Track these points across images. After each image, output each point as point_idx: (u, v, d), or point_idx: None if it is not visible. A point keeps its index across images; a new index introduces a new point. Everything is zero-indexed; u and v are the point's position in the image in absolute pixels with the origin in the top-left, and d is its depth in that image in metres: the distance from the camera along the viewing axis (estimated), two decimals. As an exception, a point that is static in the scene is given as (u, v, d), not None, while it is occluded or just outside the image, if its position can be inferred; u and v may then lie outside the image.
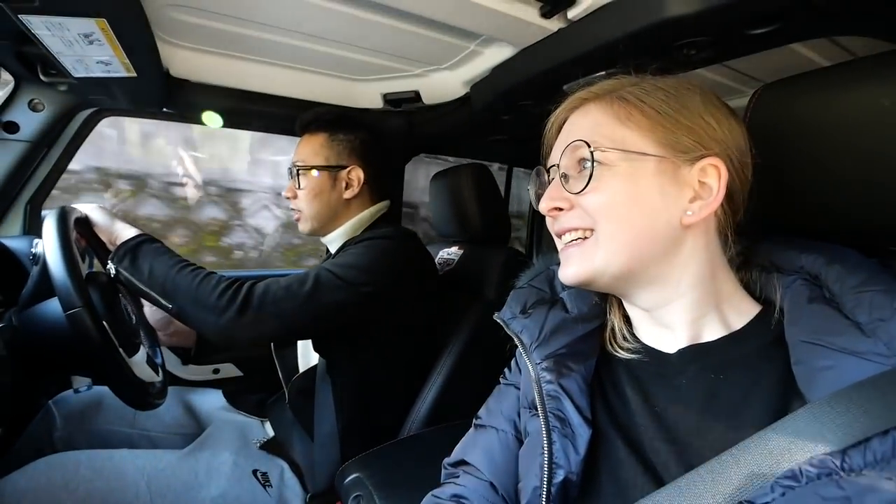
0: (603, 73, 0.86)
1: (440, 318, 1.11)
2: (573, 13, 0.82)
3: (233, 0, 0.88)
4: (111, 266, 0.85)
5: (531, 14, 0.84)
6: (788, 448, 0.37)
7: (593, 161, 0.47)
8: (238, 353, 1.39)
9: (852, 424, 0.35)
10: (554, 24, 0.86)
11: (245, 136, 3.29)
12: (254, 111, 1.27)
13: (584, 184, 0.48)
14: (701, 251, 0.48)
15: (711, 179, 0.47)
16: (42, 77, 0.96)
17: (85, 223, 0.88)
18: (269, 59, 1.14)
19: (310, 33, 1.01)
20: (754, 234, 0.54)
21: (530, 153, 1.84)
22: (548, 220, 0.55)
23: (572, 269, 0.50)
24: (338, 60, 1.15)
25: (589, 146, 0.48)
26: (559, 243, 0.54)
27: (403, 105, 1.32)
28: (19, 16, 0.69)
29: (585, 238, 0.50)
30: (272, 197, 3.40)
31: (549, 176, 0.55)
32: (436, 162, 2.58)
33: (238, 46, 1.08)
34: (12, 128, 1.06)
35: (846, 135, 0.50)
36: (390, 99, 1.31)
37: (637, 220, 0.47)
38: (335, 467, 0.91)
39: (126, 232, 0.89)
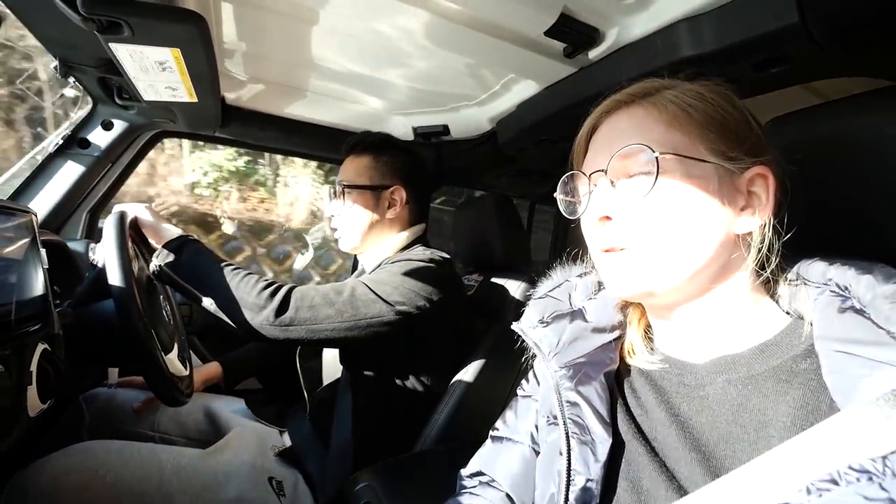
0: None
1: (460, 341, 1.13)
2: (593, 54, 0.89)
3: (285, 37, 0.99)
4: (155, 263, 0.91)
5: (555, 54, 0.92)
6: (824, 454, 0.36)
7: (658, 167, 0.45)
8: (262, 368, 1.44)
9: (890, 431, 0.35)
10: (576, 64, 0.93)
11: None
12: (296, 138, 1.39)
13: (647, 189, 0.45)
14: (742, 262, 0.48)
15: (759, 189, 0.47)
16: (117, 100, 1.08)
17: (133, 224, 0.95)
18: (312, 90, 1.25)
19: (350, 70, 1.12)
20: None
21: (552, 188, 1.89)
22: (591, 231, 0.51)
23: (622, 282, 0.48)
24: (374, 95, 1.26)
25: (653, 151, 0.45)
26: (600, 254, 0.50)
27: (432, 138, 1.41)
28: (110, 44, 0.80)
29: (626, 248, 0.47)
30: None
31: (590, 183, 0.51)
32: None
33: (286, 78, 1.19)
34: (85, 144, 1.19)
35: (858, 163, 0.52)
36: (421, 132, 1.40)
37: (697, 230, 0.45)
38: (347, 478, 0.92)
39: (171, 232, 0.94)
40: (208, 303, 0.88)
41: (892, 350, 0.38)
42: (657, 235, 0.46)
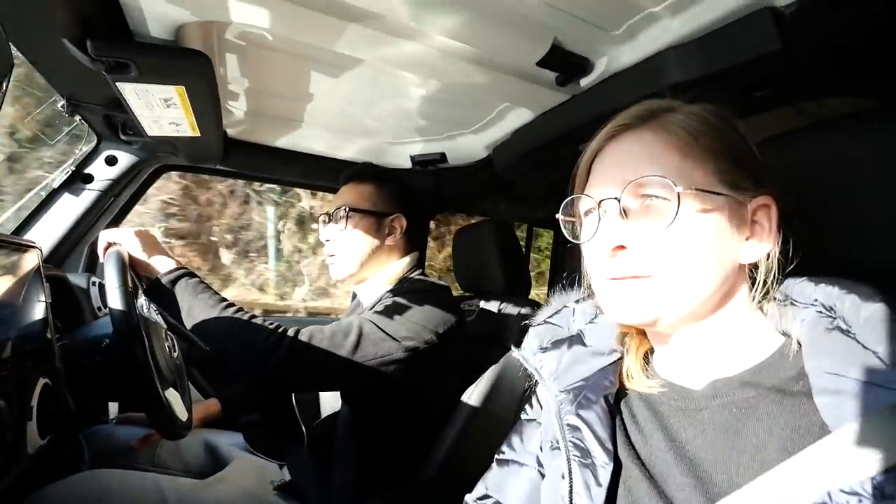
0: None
1: (462, 369, 1.12)
2: (585, 82, 0.93)
3: (285, 73, 1.03)
4: (144, 304, 0.86)
5: (548, 83, 0.95)
6: (816, 477, 0.37)
7: (679, 202, 0.45)
8: (261, 402, 1.42)
9: (879, 452, 0.35)
10: (568, 92, 0.97)
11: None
12: (296, 169, 1.41)
13: (668, 221, 0.45)
14: (743, 289, 0.49)
15: (763, 218, 0.48)
16: (121, 136, 1.11)
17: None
18: (312, 122, 1.28)
19: (349, 101, 1.15)
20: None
21: (549, 213, 1.92)
22: (598, 259, 0.50)
23: (632, 309, 0.48)
24: (372, 125, 1.29)
25: (675, 185, 0.45)
26: (606, 281, 0.50)
27: (430, 166, 1.43)
28: (117, 83, 0.83)
29: (648, 277, 0.47)
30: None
31: (599, 209, 0.50)
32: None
33: (286, 111, 1.23)
34: (88, 179, 1.21)
35: (837, 183, 0.53)
36: (419, 160, 1.43)
37: (707, 262, 0.46)
38: (352, 511, 0.90)
39: (162, 265, 0.87)
40: (209, 349, 0.84)
41: (880, 371, 0.39)
42: (676, 264, 0.46)
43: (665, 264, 0.46)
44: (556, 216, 0.56)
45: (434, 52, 0.85)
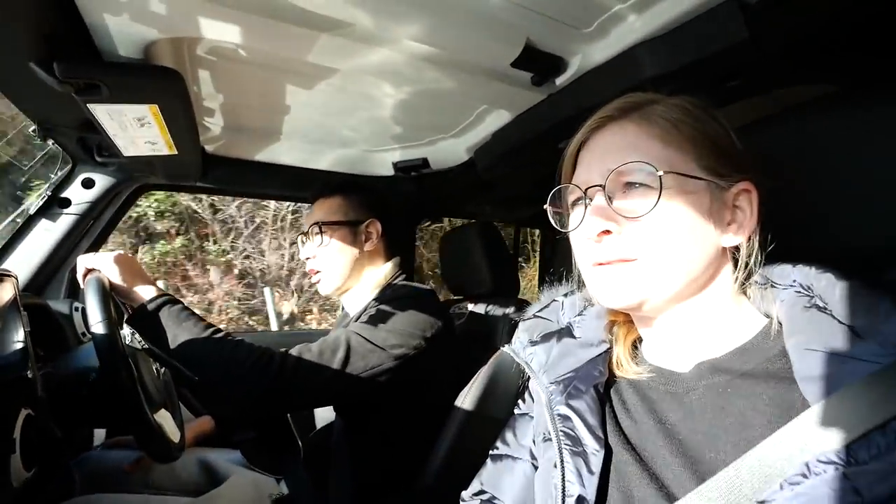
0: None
1: (454, 372, 1.12)
2: (560, 80, 0.93)
3: (260, 86, 1.02)
4: (128, 334, 0.84)
5: (524, 84, 0.96)
6: (796, 449, 0.38)
7: (661, 185, 0.46)
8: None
9: (853, 421, 0.37)
10: (544, 91, 0.97)
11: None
12: (278, 183, 1.40)
13: (650, 205, 0.46)
14: (726, 272, 0.51)
15: (744, 203, 0.49)
16: (97, 158, 1.09)
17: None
18: (291, 135, 1.27)
19: (326, 112, 1.15)
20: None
21: (534, 212, 1.93)
22: (584, 244, 0.52)
23: (619, 293, 0.49)
24: (351, 134, 1.29)
25: (656, 169, 0.46)
26: (592, 267, 0.51)
27: (413, 171, 1.43)
28: (88, 105, 0.82)
29: (633, 260, 0.48)
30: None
31: (586, 198, 0.51)
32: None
33: (264, 125, 1.22)
34: (65, 203, 1.18)
35: (809, 167, 0.54)
36: (401, 166, 1.43)
37: (690, 246, 0.47)
38: (350, 523, 0.89)
39: (144, 293, 0.86)
40: (196, 379, 0.82)
41: (855, 344, 0.40)
42: (660, 248, 0.47)
43: (649, 248, 0.47)
44: (545, 207, 0.57)
45: (407, 59, 0.85)
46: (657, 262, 0.47)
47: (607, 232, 0.49)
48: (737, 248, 0.51)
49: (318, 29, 0.75)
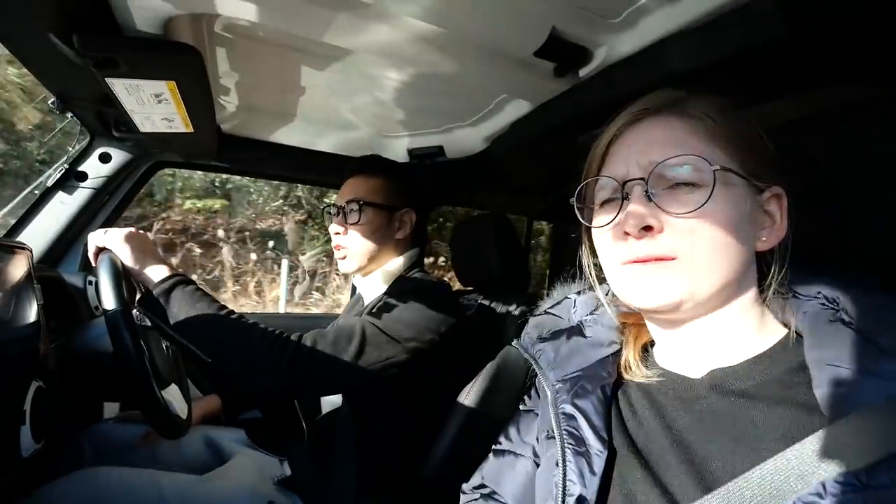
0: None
1: (462, 363, 1.11)
2: (584, 72, 0.90)
3: (278, 66, 1.01)
4: (139, 314, 0.83)
5: (546, 74, 0.93)
6: (812, 467, 0.37)
7: (715, 180, 0.44)
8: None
9: (876, 442, 0.35)
10: (567, 82, 0.94)
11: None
12: (292, 164, 1.40)
13: (701, 201, 0.44)
14: (752, 278, 0.49)
15: (774, 207, 0.48)
16: (114, 132, 1.09)
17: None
18: (307, 117, 1.26)
19: (342, 95, 1.13)
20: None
21: (548, 205, 1.90)
22: (614, 244, 0.49)
23: (656, 293, 0.46)
24: (368, 118, 1.27)
25: (710, 164, 0.44)
26: (621, 266, 0.49)
27: (427, 159, 1.42)
28: (106, 79, 0.81)
29: (673, 259, 0.46)
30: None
31: (622, 191, 0.49)
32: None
33: (280, 106, 1.21)
34: (82, 177, 1.19)
35: (840, 174, 0.52)
36: (416, 154, 1.41)
37: (732, 247, 0.45)
38: (351, 506, 0.90)
39: (156, 273, 0.84)
40: (209, 362, 0.81)
41: (878, 361, 0.39)
42: (704, 247, 0.45)
43: (692, 247, 0.45)
44: (570, 201, 0.55)
45: (428, 43, 0.83)
46: (699, 262, 0.45)
47: (649, 228, 0.46)
48: (764, 255, 0.49)
49: (338, 8, 0.74)
